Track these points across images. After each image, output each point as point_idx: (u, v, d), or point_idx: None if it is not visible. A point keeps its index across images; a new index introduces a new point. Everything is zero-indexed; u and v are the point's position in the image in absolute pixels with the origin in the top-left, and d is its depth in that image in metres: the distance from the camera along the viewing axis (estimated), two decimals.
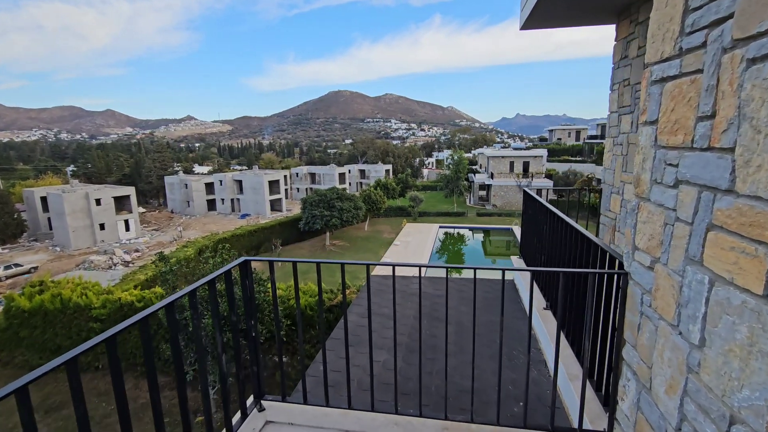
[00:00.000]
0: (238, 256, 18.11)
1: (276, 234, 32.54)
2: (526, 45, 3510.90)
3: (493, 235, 41.87)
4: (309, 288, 9.11)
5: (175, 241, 44.88)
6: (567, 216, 3.56)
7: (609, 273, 2.19)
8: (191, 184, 62.73)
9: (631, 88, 4.34)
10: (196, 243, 26.74)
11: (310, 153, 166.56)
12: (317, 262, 2.53)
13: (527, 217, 5.02)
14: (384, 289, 5.42)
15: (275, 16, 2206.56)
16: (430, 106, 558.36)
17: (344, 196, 33.15)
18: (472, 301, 5.02)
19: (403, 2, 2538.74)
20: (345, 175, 73.34)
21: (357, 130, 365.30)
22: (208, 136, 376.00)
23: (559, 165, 56.58)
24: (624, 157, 4.50)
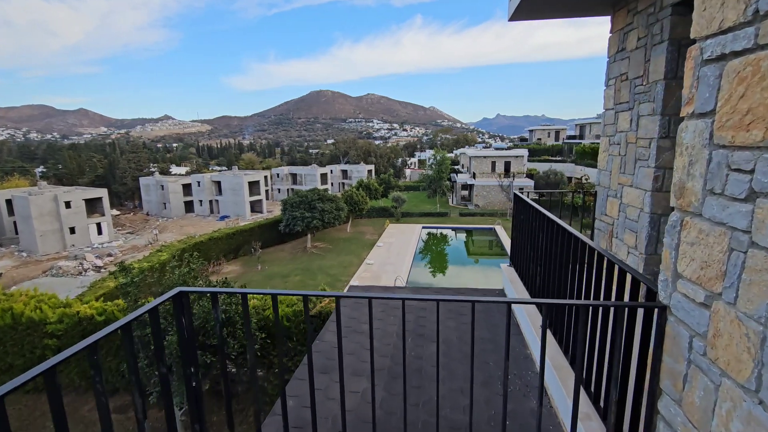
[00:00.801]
0: (217, 259, 17.39)
1: (255, 236, 31.66)
2: (506, 47, 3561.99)
3: (476, 235, 41.91)
4: (285, 297, 8.57)
5: (151, 245, 43.35)
6: (569, 225, 3.18)
7: (644, 306, 1.76)
8: (168, 185, 60.91)
9: (630, 83, 4.01)
10: (171, 247, 25.72)
11: (291, 153, 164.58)
12: (273, 294, 2.04)
13: (519, 222, 4.64)
14: (363, 303, 4.96)
15: (255, 15, 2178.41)
16: (411, 106, 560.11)
17: (325, 197, 32.52)
18: (460, 315, 4.62)
19: (384, 2, 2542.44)
20: (327, 175, 72.53)
21: (339, 130, 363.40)
22: (186, 136, 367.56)
23: (539, 165, 57.16)
24: (622, 158, 4.16)
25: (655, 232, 3.66)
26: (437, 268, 31.17)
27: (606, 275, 2.60)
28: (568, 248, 2.99)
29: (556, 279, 3.32)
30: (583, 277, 2.91)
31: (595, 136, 63.14)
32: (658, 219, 3.64)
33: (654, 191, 3.60)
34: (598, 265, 2.66)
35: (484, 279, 28.51)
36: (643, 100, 3.74)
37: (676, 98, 3.44)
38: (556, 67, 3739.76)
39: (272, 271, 27.68)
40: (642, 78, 3.77)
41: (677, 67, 3.39)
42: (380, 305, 4.84)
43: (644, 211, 3.72)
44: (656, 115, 3.54)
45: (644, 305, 1.74)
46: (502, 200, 47.83)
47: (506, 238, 34.81)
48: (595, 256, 2.50)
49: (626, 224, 4.05)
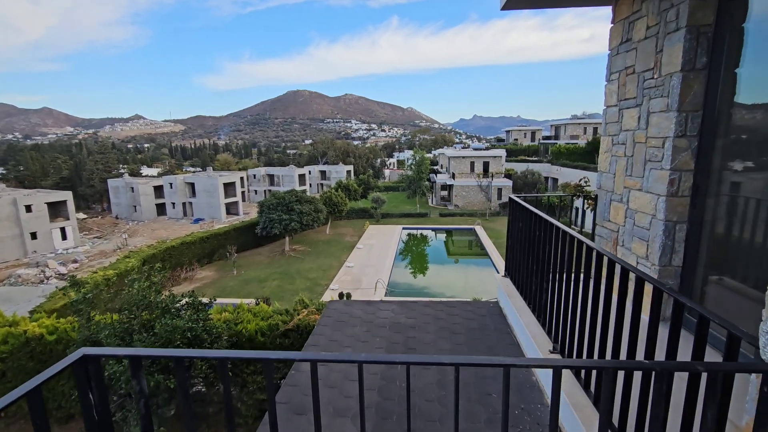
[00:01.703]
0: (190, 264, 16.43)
1: (231, 240, 30.56)
2: (481, 49, 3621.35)
3: (456, 235, 41.90)
4: (261, 309, 7.95)
5: (119, 250, 41.45)
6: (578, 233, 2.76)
7: (742, 369, 1.28)
8: (138, 187, 58.56)
9: (637, 76, 3.65)
10: (140, 252, 24.44)
11: (268, 154, 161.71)
12: (222, 359, 1.51)
13: (516, 230, 4.23)
14: (346, 319, 4.45)
15: (229, 13, 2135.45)
16: (390, 106, 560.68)
17: (304, 198, 31.72)
18: (453, 335, 4.17)
19: (360, 3, 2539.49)
20: (305, 176, 71.38)
21: (317, 130, 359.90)
22: (158, 136, 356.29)
23: (517, 165, 57.83)
24: (628, 159, 3.80)
25: (670, 241, 3.30)
26: (418, 269, 30.89)
27: (634, 295, 2.19)
28: (586, 265, 2.56)
29: (567, 298, 2.89)
30: (599, 297, 2.50)
31: (570, 136, 64.42)
32: (673, 227, 3.28)
33: (669, 196, 3.24)
34: (622, 283, 2.25)
35: (463, 277, 28.38)
36: (655, 95, 3.38)
37: (694, 92, 3.08)
38: (530, 69, 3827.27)
39: (249, 275, 26.72)
40: (653, 71, 3.41)
41: (696, 57, 3.03)
42: (364, 324, 4.34)
43: (657, 217, 3.36)
44: (671, 112, 3.18)
45: (749, 368, 1.27)
46: (481, 200, 48.04)
47: (486, 238, 34.86)
48: (632, 281, 2.07)
49: (634, 232, 3.69)
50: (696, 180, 3.18)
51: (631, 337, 2.22)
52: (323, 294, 23.13)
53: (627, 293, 2.27)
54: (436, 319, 4.38)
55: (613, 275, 2.61)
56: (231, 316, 7.73)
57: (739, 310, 2.99)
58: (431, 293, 24.53)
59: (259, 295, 21.64)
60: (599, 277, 2.50)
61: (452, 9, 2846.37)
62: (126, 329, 6.02)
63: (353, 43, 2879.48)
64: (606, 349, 2.41)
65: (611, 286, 2.54)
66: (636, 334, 2.22)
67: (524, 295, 3.82)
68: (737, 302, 3.04)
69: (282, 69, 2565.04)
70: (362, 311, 4.63)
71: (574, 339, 2.78)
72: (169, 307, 6.19)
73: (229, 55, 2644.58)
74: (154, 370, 5.60)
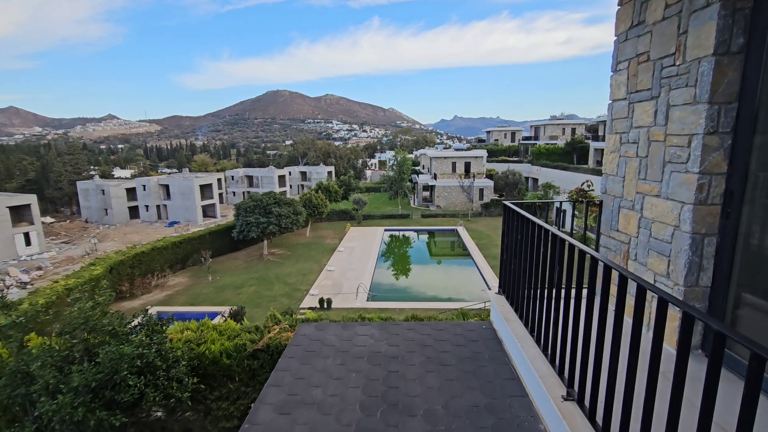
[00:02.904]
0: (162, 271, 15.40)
1: (206, 244, 29.34)
2: (461, 50, 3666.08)
3: (438, 236, 41.61)
4: (227, 326, 7.20)
5: (88, 255, 39.50)
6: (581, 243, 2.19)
7: None
8: (109, 189, 56.18)
9: (653, 64, 3.13)
10: (108, 259, 23.08)
11: (247, 154, 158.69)
12: None
13: (512, 242, 3.67)
14: (317, 348, 3.80)
15: (207, 11, 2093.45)
16: (371, 107, 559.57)
17: (282, 200, 30.76)
18: (442, 367, 3.57)
19: (341, 3, 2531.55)
20: (285, 177, 70.04)
21: (297, 130, 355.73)
22: (133, 136, 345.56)
23: (497, 165, 58.10)
24: (642, 160, 3.28)
25: (697, 257, 2.79)
26: (400, 270, 30.39)
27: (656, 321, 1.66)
28: (603, 287, 2.00)
29: (581, 331, 2.32)
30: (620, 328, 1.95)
31: (549, 137, 65.19)
32: (701, 240, 2.77)
33: (697, 204, 2.72)
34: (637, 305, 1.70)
35: (445, 278, 28.02)
36: (677, 84, 2.87)
37: (728, 80, 2.57)
38: (508, 70, 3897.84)
39: (224, 281, 25.64)
40: (674, 56, 2.90)
41: (731, 39, 2.53)
42: (339, 355, 3.70)
43: (681, 229, 2.84)
44: (700, 104, 2.67)
45: None
46: (463, 201, 47.93)
47: (468, 239, 34.63)
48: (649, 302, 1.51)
49: (651, 245, 3.17)
50: (729, 185, 2.67)
51: (651, 372, 1.75)
52: (303, 300, 22.33)
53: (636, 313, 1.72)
54: (422, 346, 3.77)
55: (624, 296, 2.08)
56: (193, 335, 6.95)
57: None
58: (414, 295, 24.02)
59: (234, 303, 20.68)
60: (620, 304, 1.95)
61: (433, 10, 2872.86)
62: (65, 357, 5.21)
63: (334, 44, 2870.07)
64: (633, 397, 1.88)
65: (622, 306, 2.02)
66: (657, 367, 1.75)
67: (525, 321, 3.25)
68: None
69: (262, 68, 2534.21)
70: (336, 337, 3.99)
71: (589, 379, 2.22)
72: (117, 330, 5.40)
73: (207, 53, 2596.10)
74: (96, 406, 4.82)
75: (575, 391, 2.37)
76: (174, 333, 7.05)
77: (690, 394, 1.65)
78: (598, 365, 2.14)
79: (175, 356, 5.90)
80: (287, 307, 19.67)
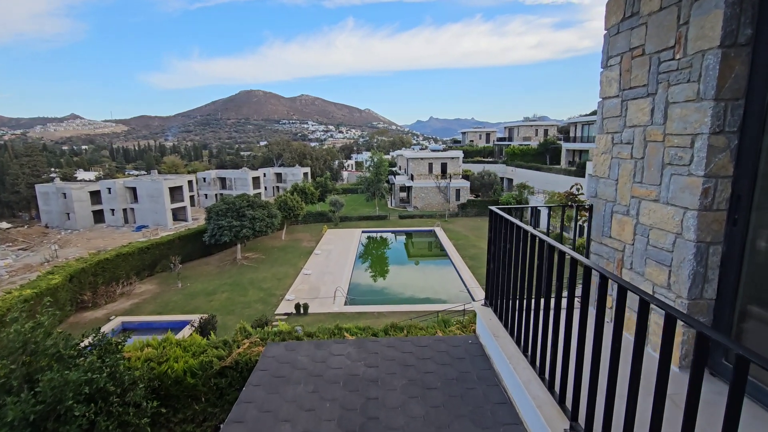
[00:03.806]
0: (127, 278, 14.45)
1: (175, 250, 28.13)
2: (436, 52, 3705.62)
3: (416, 237, 41.52)
4: (192, 342, 6.66)
5: (48, 263, 37.34)
6: None
7: None
8: (71, 193, 53.46)
9: (649, 58, 2.91)
10: (67, 267, 21.72)
11: (220, 156, 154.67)
12: None
13: (499, 251, 3.38)
14: (287, 373, 3.39)
15: (176, 8, 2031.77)
16: (347, 108, 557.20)
17: (256, 203, 29.88)
18: (427, 390, 3.24)
19: (315, 3, 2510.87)
20: (260, 179, 68.55)
21: (272, 131, 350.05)
22: (98, 137, 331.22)
23: (473, 166, 58.67)
24: (638, 162, 3.06)
25: (702, 268, 2.57)
26: (379, 272, 30.08)
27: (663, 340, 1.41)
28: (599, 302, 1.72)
29: (584, 356, 2.05)
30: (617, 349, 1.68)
31: (522, 138, 66.38)
32: (706, 249, 2.55)
33: (702, 210, 2.50)
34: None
35: (423, 278, 27.89)
36: (678, 80, 2.64)
37: (735, 75, 2.35)
38: (482, 73, 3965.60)
39: (195, 288, 24.61)
40: (674, 50, 2.67)
41: (738, 29, 2.31)
42: (313, 378, 3.32)
43: (684, 237, 2.61)
44: (705, 101, 2.44)
45: None
46: (440, 201, 48.08)
47: (446, 239, 34.67)
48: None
49: (649, 253, 2.94)
50: (735, 189, 2.46)
51: (658, 393, 1.56)
52: (278, 305, 21.66)
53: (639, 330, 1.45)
54: (404, 366, 3.43)
55: (623, 308, 1.83)
56: (154, 352, 6.38)
57: None
58: (393, 297, 23.72)
59: (206, 310, 19.83)
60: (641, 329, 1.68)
61: (407, 12, 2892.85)
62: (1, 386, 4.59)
63: (308, 44, 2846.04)
64: None
65: (621, 320, 1.82)
66: (664, 389, 1.55)
67: (516, 338, 2.96)
68: None
69: (234, 68, 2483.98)
70: (309, 358, 3.60)
71: (599, 415, 1.94)
72: (62, 353, 4.82)
73: (176, 52, 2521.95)
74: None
75: (581, 427, 2.07)
76: (132, 351, 6.46)
77: None
78: (611, 396, 1.86)
79: (132, 378, 5.34)
80: (262, 313, 19.01)
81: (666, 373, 1.52)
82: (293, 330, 6.96)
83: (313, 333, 6.94)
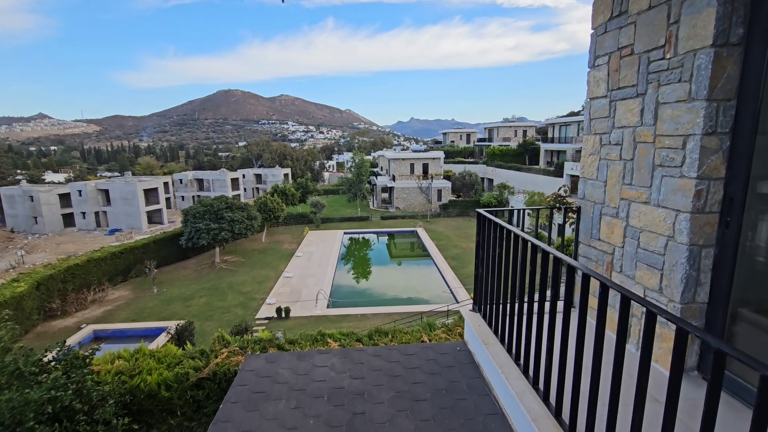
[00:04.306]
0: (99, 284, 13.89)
1: (151, 254, 27.25)
2: (416, 53, 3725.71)
3: (398, 238, 41.50)
4: (167, 353, 6.36)
5: (14, 269, 35.61)
6: None
7: None
8: (39, 195, 51.25)
9: (638, 58, 2.86)
10: (34, 274, 20.71)
11: (198, 156, 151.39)
12: None
13: (488, 255, 3.28)
14: (267, 388, 3.21)
15: (149, 5, 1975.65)
16: (328, 108, 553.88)
17: (235, 205, 29.25)
18: (416, 402, 3.11)
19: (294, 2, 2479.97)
20: (239, 180, 67.32)
21: (251, 132, 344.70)
22: (68, 137, 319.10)
23: (454, 166, 59.09)
24: (627, 163, 3.01)
25: (695, 271, 2.52)
26: (361, 273, 29.90)
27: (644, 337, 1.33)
28: None
29: (582, 363, 1.96)
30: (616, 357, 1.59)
31: (502, 138, 67.28)
32: (698, 252, 2.50)
33: (695, 213, 2.45)
34: None
35: (406, 278, 27.85)
36: (668, 80, 2.59)
37: (728, 75, 2.31)
38: (462, 74, 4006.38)
39: (172, 293, 23.88)
40: (664, 49, 2.62)
41: (730, 28, 2.26)
42: (295, 393, 3.14)
43: (677, 240, 2.56)
44: (697, 101, 2.39)
45: None
46: (422, 202, 48.21)
47: (428, 239, 34.75)
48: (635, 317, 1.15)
49: (639, 256, 2.89)
50: (728, 191, 2.42)
51: (639, 394, 1.60)
52: (259, 309, 21.22)
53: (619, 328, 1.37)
54: (391, 377, 3.29)
55: (605, 305, 1.83)
56: (126, 364, 6.05)
57: None
58: (376, 299, 23.57)
59: (183, 316, 19.24)
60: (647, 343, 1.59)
61: (387, 13, 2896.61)
62: None
63: (288, 43, 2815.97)
64: None
65: (603, 318, 1.84)
66: (644, 388, 1.60)
67: (507, 346, 2.86)
68: None
69: (212, 67, 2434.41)
70: (291, 371, 3.42)
71: (595, 424, 1.85)
72: (23, 370, 4.48)
73: (151, 50, 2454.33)
74: None
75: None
76: (102, 364, 6.11)
77: None
78: (613, 410, 1.77)
79: (101, 393, 5.03)
80: (242, 318, 18.56)
81: (677, 391, 1.43)
82: (274, 338, 6.73)
83: (295, 340, 6.72)
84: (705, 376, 2.62)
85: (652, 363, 2.41)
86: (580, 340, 2.02)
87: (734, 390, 2.36)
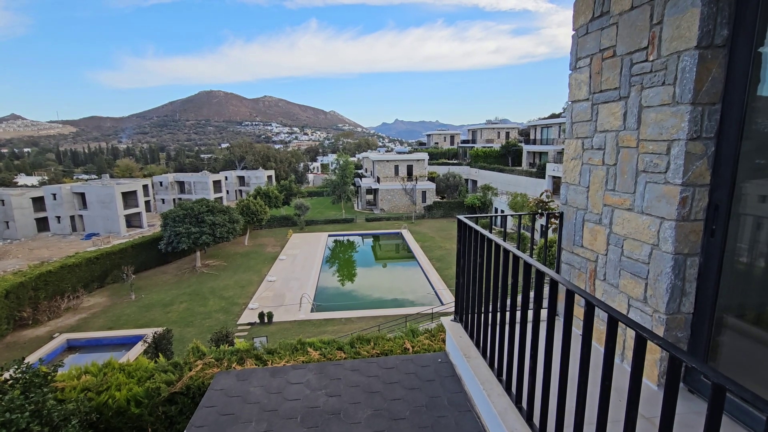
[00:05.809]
0: (74, 291, 13.35)
1: (128, 259, 26.45)
2: (399, 55, 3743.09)
3: (383, 240, 41.37)
4: (138, 366, 6.05)
5: None
6: None
7: None
8: (11, 199, 49.36)
9: (620, 60, 2.77)
10: (3, 282, 19.82)
11: (179, 158, 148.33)
12: None
13: (468, 264, 3.15)
14: (236, 410, 3.01)
15: (128, 4, 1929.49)
16: (312, 110, 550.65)
17: (216, 208, 28.65)
18: (398, 420, 2.95)
19: (276, 3, 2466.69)
20: (221, 182, 66.15)
21: (234, 133, 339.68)
22: (43, 139, 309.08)
23: (438, 168, 59.30)
24: (610, 169, 2.92)
25: (680, 281, 2.43)
26: (346, 276, 29.64)
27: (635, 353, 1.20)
28: None
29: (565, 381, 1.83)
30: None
31: (485, 140, 67.86)
32: (684, 261, 2.42)
33: (680, 220, 2.36)
34: None
35: (390, 280, 27.73)
36: (652, 82, 2.51)
37: (712, 78, 2.23)
38: (445, 76, 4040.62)
39: (151, 299, 23.20)
40: (647, 51, 2.54)
41: (715, 30, 2.18)
42: (267, 414, 2.94)
43: (662, 249, 2.47)
44: (681, 104, 2.31)
45: None
46: (406, 204, 48.19)
47: (413, 241, 34.71)
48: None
49: (623, 264, 2.80)
50: (713, 198, 2.34)
51: (630, 409, 1.50)
52: (241, 315, 20.77)
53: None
54: (369, 393, 3.12)
55: (591, 322, 1.69)
56: (93, 380, 5.73)
57: (765, 368, 2.20)
58: (360, 301, 23.35)
59: (162, 323, 18.68)
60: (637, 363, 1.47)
61: (370, 15, 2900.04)
62: None
63: (271, 44, 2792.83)
64: None
65: (589, 335, 1.73)
66: (636, 403, 1.49)
67: (490, 360, 2.73)
68: (763, 358, 2.25)
69: (193, 67, 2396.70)
70: (263, 389, 3.22)
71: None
72: None
73: (129, 49, 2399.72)
74: None
75: None
76: (67, 380, 5.77)
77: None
78: (601, 430, 1.65)
79: (64, 413, 4.72)
80: (223, 324, 18.11)
81: (672, 410, 1.30)
82: (252, 347, 6.48)
83: (274, 350, 6.48)
84: (691, 388, 2.54)
85: (650, 384, 2.34)
86: (564, 356, 1.90)
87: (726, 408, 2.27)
